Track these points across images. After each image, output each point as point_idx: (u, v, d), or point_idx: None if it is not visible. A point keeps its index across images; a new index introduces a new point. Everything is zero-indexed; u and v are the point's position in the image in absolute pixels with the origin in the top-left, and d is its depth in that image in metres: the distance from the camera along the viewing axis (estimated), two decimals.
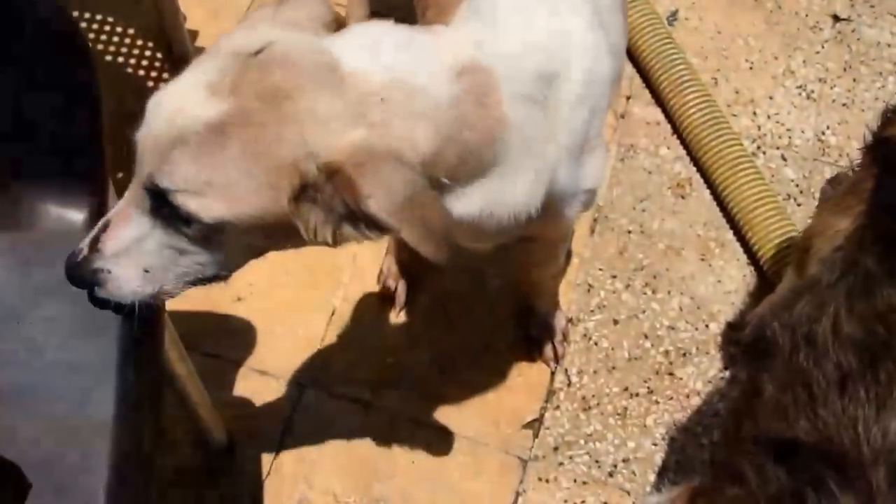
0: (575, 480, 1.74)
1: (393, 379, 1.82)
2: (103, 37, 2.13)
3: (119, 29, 2.14)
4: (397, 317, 1.89)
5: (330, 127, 0.97)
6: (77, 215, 1.25)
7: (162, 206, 0.98)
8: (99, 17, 2.15)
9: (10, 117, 1.20)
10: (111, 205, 1.29)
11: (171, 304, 1.21)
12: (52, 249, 1.13)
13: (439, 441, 1.77)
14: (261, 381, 1.81)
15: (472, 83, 1.06)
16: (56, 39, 1.20)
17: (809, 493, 1.07)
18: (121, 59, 2.11)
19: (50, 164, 1.25)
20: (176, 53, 2.10)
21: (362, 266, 1.92)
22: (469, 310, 1.89)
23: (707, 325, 1.89)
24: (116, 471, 1.06)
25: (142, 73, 2.11)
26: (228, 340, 1.84)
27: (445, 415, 1.79)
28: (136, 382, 1.15)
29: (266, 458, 1.75)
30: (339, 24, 1.09)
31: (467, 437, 1.77)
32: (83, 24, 2.11)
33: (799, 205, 2.02)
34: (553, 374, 1.83)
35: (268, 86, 0.97)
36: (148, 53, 2.12)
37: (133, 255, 1.02)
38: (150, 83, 2.09)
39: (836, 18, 2.28)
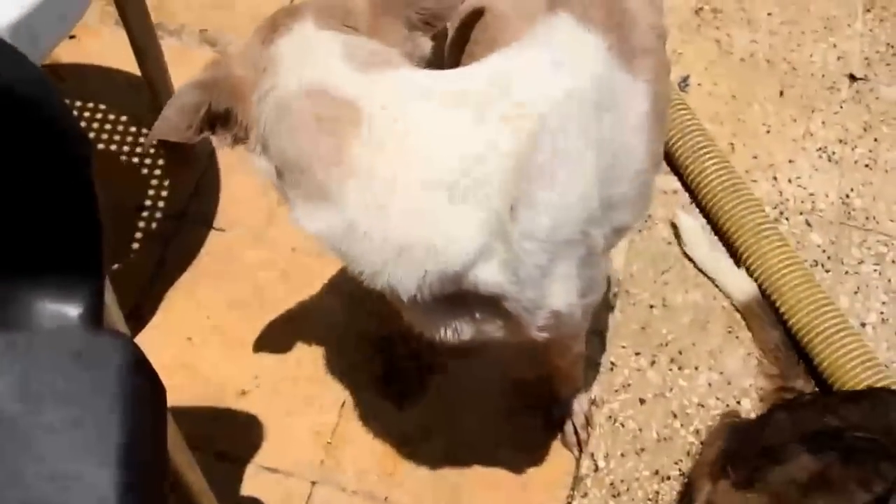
0: None
1: (408, 471, 1.72)
2: (96, 125, 2.08)
3: (112, 116, 2.09)
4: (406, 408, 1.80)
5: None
6: (72, 311, 1.17)
7: None
8: (91, 104, 2.11)
9: (2, 211, 1.14)
10: (108, 298, 1.24)
11: (171, 401, 1.13)
12: (49, 350, 1.07)
13: None
14: (270, 480, 1.71)
15: (320, 105, 1.10)
16: (53, 132, 1.14)
17: None
18: (114, 148, 2.05)
19: (44, 259, 1.19)
20: (171, 140, 2.04)
21: (373, 354, 1.83)
22: (487, 396, 1.80)
23: (739, 402, 1.79)
24: None
25: (136, 160, 2.05)
26: (234, 437, 1.75)
27: None
28: (141, 490, 1.07)
29: None
30: None
31: None
32: (76, 112, 2.07)
33: (827, 271, 1.94)
34: (579, 459, 1.73)
35: None
36: (142, 141, 2.06)
37: None
38: (145, 171, 2.03)
39: (853, 78, 2.23)
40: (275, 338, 1.85)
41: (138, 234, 1.96)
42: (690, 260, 1.95)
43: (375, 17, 1.17)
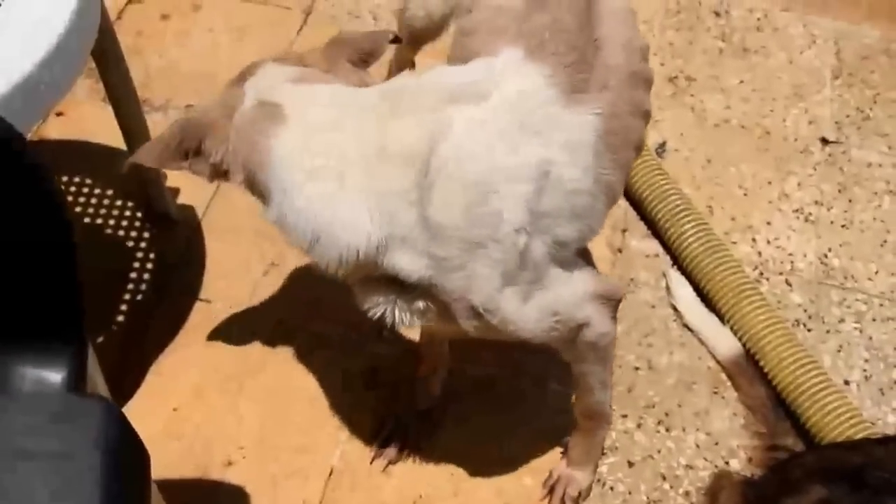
0: None
1: None
2: (82, 199, 2.09)
3: (98, 190, 2.11)
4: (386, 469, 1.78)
5: None
6: (54, 376, 1.17)
7: None
8: (77, 178, 2.12)
9: None
10: (90, 365, 1.23)
11: (157, 472, 1.12)
12: (29, 413, 1.06)
13: None
14: None
15: (258, 111, 1.27)
16: (32, 199, 1.15)
17: None
18: (100, 221, 2.07)
19: (24, 323, 1.19)
20: (157, 212, 2.06)
21: (360, 423, 1.83)
22: (480, 461, 1.79)
23: (727, 462, 1.79)
24: None
25: (121, 233, 2.06)
26: None
27: None
28: None
29: None
30: None
31: None
32: (63, 187, 2.08)
33: (809, 330, 1.95)
34: None
35: None
36: (128, 213, 2.08)
37: None
38: (131, 243, 2.04)
39: (825, 141, 2.27)
40: (260, 409, 1.84)
41: (123, 306, 1.95)
42: (676, 318, 1.96)
43: (327, 62, 1.35)
